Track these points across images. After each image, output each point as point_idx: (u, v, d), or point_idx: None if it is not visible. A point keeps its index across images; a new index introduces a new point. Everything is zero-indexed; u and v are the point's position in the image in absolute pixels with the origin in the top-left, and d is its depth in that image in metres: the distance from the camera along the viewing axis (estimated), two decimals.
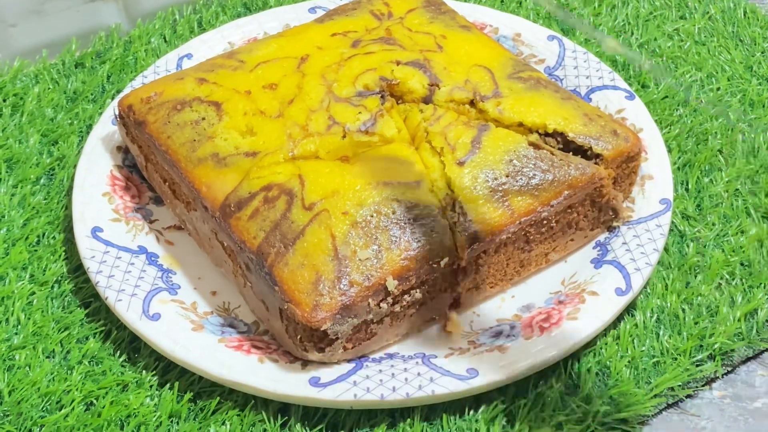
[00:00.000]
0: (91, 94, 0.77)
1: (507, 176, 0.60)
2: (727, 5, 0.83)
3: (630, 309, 0.61)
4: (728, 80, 0.76)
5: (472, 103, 0.65)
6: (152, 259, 0.64)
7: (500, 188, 0.60)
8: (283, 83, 0.66)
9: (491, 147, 0.61)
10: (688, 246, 0.65)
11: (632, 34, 0.80)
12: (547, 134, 0.64)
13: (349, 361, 0.58)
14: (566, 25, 0.82)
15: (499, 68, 0.67)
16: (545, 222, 0.61)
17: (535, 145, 0.62)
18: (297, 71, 0.66)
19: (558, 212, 0.61)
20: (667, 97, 0.75)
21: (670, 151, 0.70)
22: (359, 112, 0.63)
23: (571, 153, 0.63)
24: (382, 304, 0.57)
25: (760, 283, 0.62)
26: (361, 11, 0.72)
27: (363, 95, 0.65)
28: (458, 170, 0.60)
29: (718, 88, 0.75)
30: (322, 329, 0.55)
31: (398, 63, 0.66)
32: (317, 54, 0.68)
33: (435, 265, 0.58)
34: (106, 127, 0.71)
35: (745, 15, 0.82)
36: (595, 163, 0.63)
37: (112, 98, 0.76)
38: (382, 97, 0.65)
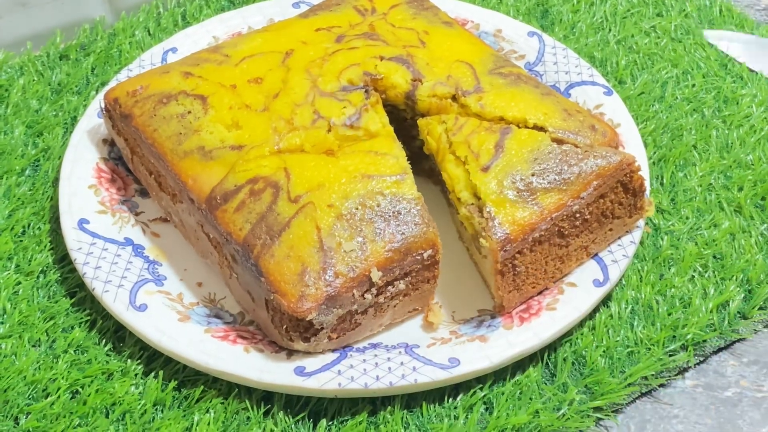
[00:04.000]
0: (76, 86, 0.77)
1: (533, 175, 0.61)
2: (702, 3, 0.85)
3: (606, 300, 0.63)
4: (703, 77, 0.78)
5: (454, 98, 0.66)
6: (138, 250, 0.65)
7: (527, 188, 0.60)
8: (268, 77, 0.67)
9: (515, 149, 0.62)
10: (662, 239, 0.67)
11: (610, 30, 0.82)
12: (527, 128, 0.65)
13: (333, 350, 0.59)
14: (546, 21, 0.83)
15: (481, 64, 0.68)
16: (578, 215, 0.61)
17: (558, 141, 0.63)
18: (282, 66, 0.67)
19: (590, 203, 0.61)
20: (643, 93, 0.76)
21: (646, 146, 0.72)
22: (344, 107, 0.64)
23: None
24: (366, 295, 0.58)
25: (732, 276, 0.64)
26: (345, 6, 0.73)
27: (347, 90, 0.66)
28: (483, 176, 0.60)
29: (694, 85, 0.77)
30: (307, 319, 0.56)
31: (382, 58, 0.68)
32: (302, 49, 0.69)
33: (418, 257, 0.59)
34: (92, 119, 0.71)
35: (720, 12, 0.84)
36: None
37: (97, 90, 0.77)
38: (366, 91, 0.66)
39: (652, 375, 0.60)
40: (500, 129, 0.63)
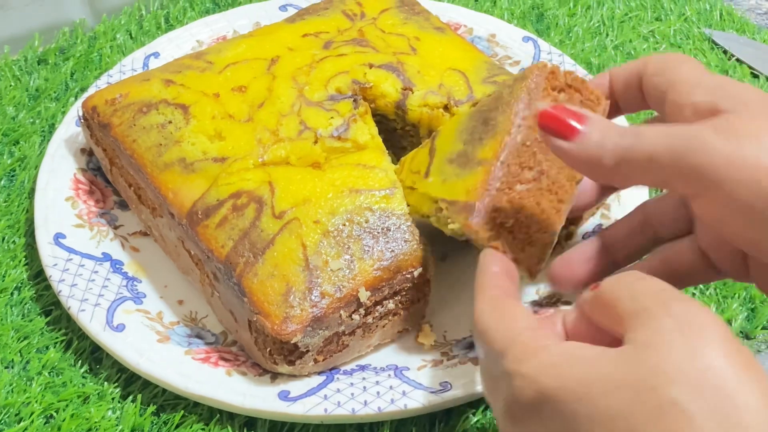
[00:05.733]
0: (54, 92, 0.75)
1: (463, 144, 0.55)
2: (702, 6, 0.82)
3: None
4: None
5: (446, 107, 0.64)
6: (117, 266, 0.62)
7: (462, 156, 0.54)
8: (252, 86, 0.64)
9: (442, 140, 0.57)
10: None
11: (607, 35, 0.80)
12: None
13: (319, 373, 0.57)
14: (541, 25, 0.81)
15: (474, 72, 0.66)
16: (527, 141, 0.53)
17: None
18: (267, 73, 0.65)
19: (530, 122, 0.53)
20: None
21: None
22: (331, 117, 0.62)
23: None
24: (354, 316, 0.56)
25: (735, 294, 0.62)
26: (333, 11, 0.71)
27: (335, 99, 0.63)
28: (426, 183, 0.56)
29: None
30: (292, 342, 0.54)
31: (371, 66, 0.65)
32: (288, 55, 0.66)
33: (408, 276, 0.57)
34: (69, 128, 0.69)
35: (721, 17, 0.82)
36: None
37: (76, 97, 0.74)
38: (355, 101, 0.63)
39: None
40: (432, 136, 0.59)
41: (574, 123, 0.44)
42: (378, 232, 0.57)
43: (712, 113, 0.43)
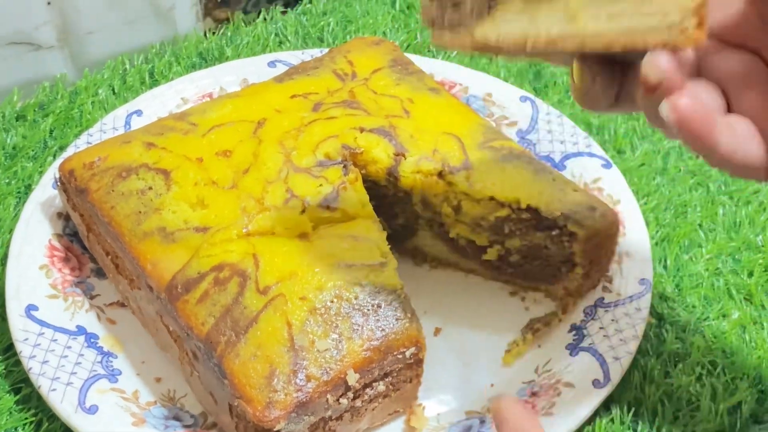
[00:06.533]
0: (32, 151, 0.71)
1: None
2: None
3: (606, 402, 0.57)
4: None
5: (440, 174, 0.61)
6: (92, 340, 0.59)
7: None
8: (238, 150, 0.61)
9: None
10: (666, 331, 0.61)
11: None
12: (520, 209, 0.60)
13: None
14: (539, 84, 0.78)
15: (469, 136, 0.63)
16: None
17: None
18: (253, 137, 0.62)
19: None
20: (644, 164, 0.71)
21: (647, 224, 0.66)
22: (320, 185, 0.59)
23: (545, 230, 0.59)
24: (341, 400, 0.52)
25: (744, 374, 0.59)
26: (324, 70, 0.68)
27: (324, 165, 0.60)
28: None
29: (698, 156, 0.72)
30: (275, 429, 0.50)
31: (362, 130, 0.62)
32: (275, 118, 0.63)
33: (400, 356, 0.53)
34: (46, 190, 0.65)
35: None
36: (569, 242, 0.59)
37: (54, 156, 0.71)
38: (345, 167, 0.60)
39: None
40: None
41: None
42: (368, 310, 0.54)
43: None
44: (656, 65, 0.38)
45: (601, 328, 0.59)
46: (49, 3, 0.74)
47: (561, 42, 0.40)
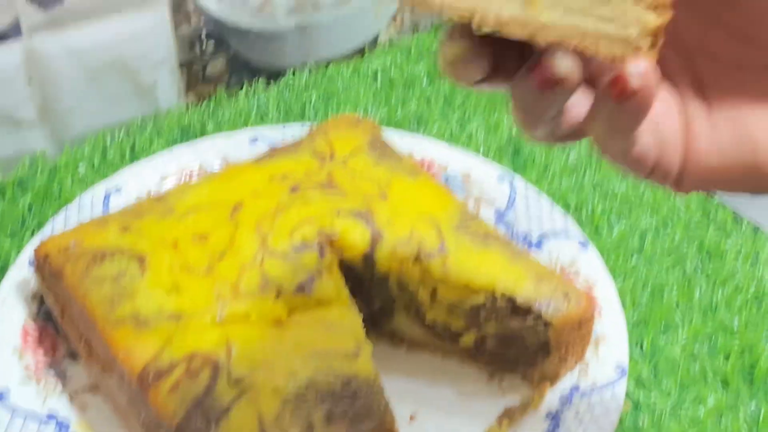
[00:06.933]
0: (10, 227, 0.71)
1: None
2: None
3: None
4: (684, 227, 0.73)
5: (417, 258, 0.61)
6: (63, 427, 0.58)
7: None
8: (214, 234, 0.61)
9: None
10: (643, 417, 0.61)
11: (585, 173, 0.77)
12: (495, 297, 0.60)
13: None
14: (518, 160, 0.79)
15: (446, 220, 0.63)
16: None
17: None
18: (230, 221, 0.62)
19: None
20: (621, 244, 0.72)
21: (624, 305, 0.66)
22: (295, 270, 0.59)
23: (519, 317, 0.59)
24: None
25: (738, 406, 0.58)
26: (303, 151, 0.68)
27: (300, 250, 0.60)
28: None
29: (675, 236, 0.72)
30: None
31: (339, 213, 0.62)
32: (252, 201, 0.63)
33: None
34: (22, 270, 0.65)
35: None
36: (544, 330, 0.59)
37: (32, 233, 0.71)
38: (321, 251, 0.60)
39: None
40: None
41: None
42: (341, 400, 0.53)
43: None
44: (639, 72, 0.35)
45: (576, 415, 0.59)
46: (29, 81, 0.74)
47: (510, 27, 0.37)
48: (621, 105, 0.36)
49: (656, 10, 0.36)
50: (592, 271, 0.67)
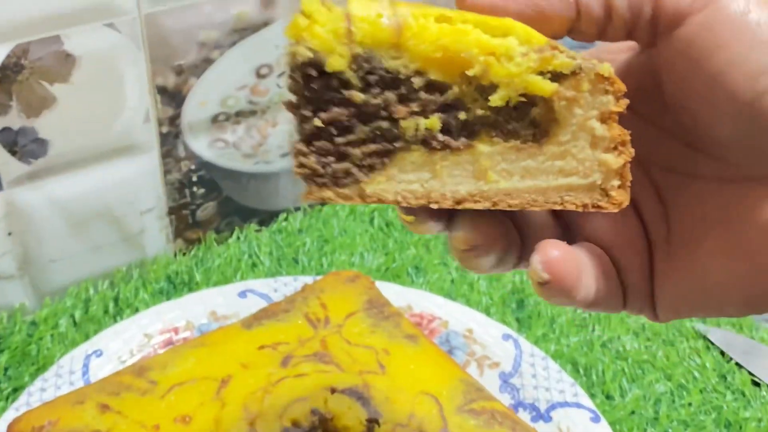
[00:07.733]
0: None
1: None
2: None
3: None
4: (701, 392, 0.69)
5: None
6: None
7: None
8: (198, 415, 0.57)
9: None
10: None
11: (593, 329, 0.73)
12: None
13: None
14: (522, 314, 0.75)
15: (449, 397, 0.59)
16: None
17: None
18: (216, 398, 0.58)
19: None
20: (634, 412, 0.67)
21: None
22: None
23: None
24: None
25: None
26: (295, 314, 0.65)
27: None
28: None
29: (690, 404, 0.68)
30: None
31: (333, 391, 0.58)
32: (240, 374, 0.59)
33: None
34: None
35: None
36: None
37: (7, 399, 0.66)
38: None
39: None
40: None
41: None
42: None
43: None
44: (547, 260, 0.35)
45: None
46: (9, 234, 0.71)
47: (470, 200, 0.36)
48: (541, 287, 0.35)
49: (615, 150, 0.35)
50: None
